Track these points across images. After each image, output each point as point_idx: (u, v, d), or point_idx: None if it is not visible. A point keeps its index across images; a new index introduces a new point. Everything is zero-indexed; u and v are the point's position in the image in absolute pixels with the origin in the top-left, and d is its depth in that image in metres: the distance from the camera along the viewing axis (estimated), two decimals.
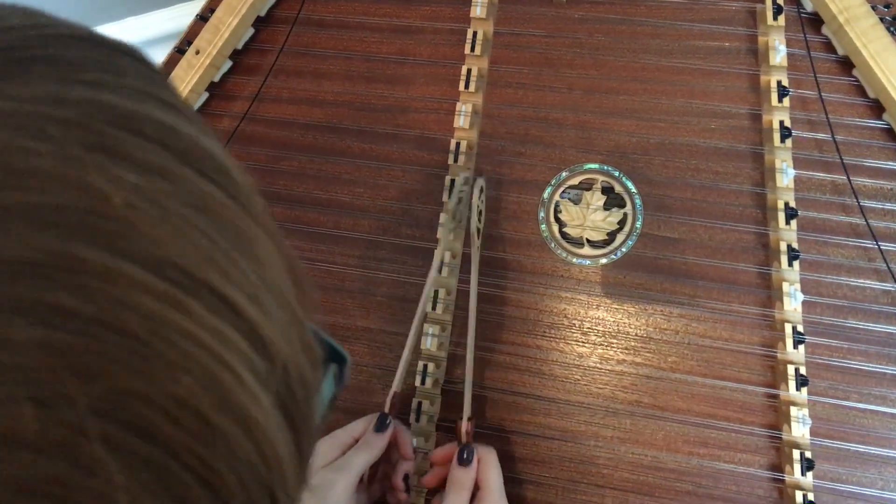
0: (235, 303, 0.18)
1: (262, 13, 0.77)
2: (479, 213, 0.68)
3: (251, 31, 0.77)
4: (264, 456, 0.18)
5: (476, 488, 0.57)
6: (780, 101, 0.67)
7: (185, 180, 0.19)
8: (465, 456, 0.57)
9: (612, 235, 0.69)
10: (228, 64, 0.77)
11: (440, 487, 0.60)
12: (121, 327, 0.15)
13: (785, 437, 0.62)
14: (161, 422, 0.16)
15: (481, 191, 0.67)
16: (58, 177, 0.16)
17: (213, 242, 0.19)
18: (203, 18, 0.75)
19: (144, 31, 0.96)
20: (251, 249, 0.20)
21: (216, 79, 0.76)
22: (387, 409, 0.60)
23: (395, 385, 0.62)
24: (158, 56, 0.76)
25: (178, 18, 0.81)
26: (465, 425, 0.60)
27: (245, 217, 0.21)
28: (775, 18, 0.68)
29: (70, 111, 0.17)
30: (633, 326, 0.67)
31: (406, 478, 0.60)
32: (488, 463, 0.58)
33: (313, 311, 0.23)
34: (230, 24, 0.74)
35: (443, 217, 0.70)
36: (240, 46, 0.77)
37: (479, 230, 0.68)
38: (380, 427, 0.58)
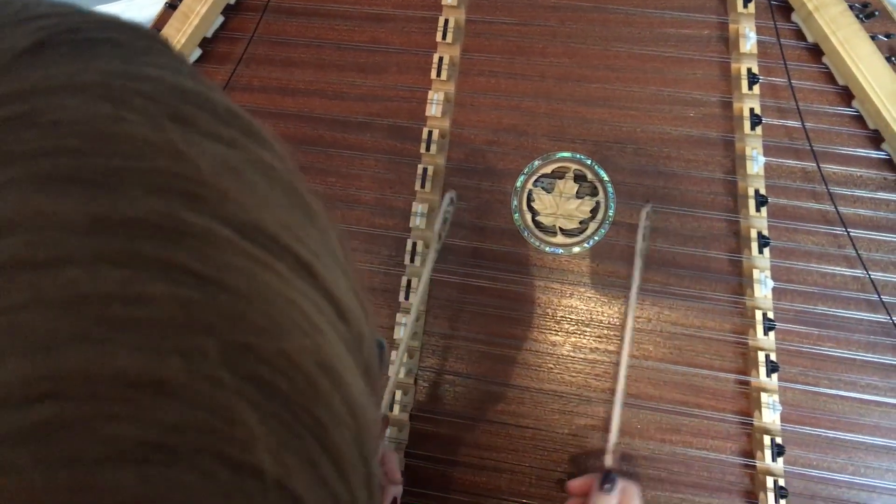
0: (315, 270, 0.19)
1: (232, 1, 0.76)
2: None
3: (221, 18, 0.76)
4: (355, 416, 0.18)
5: None
6: (750, 88, 0.67)
7: (253, 151, 0.19)
8: (608, 481, 0.54)
9: (584, 224, 0.69)
10: (198, 52, 0.76)
11: None
12: (227, 285, 0.16)
13: (756, 423, 0.63)
14: (276, 377, 0.16)
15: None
16: (151, 143, 0.16)
17: (288, 212, 0.19)
18: (172, 6, 0.74)
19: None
20: (316, 221, 0.21)
21: None
22: None
23: (383, 409, 0.61)
24: None
25: (149, 7, 0.79)
26: (611, 449, 0.57)
27: (306, 191, 0.21)
28: (745, 6, 0.68)
29: (146, 86, 0.18)
30: (605, 315, 0.67)
31: (394, 501, 0.59)
32: (632, 496, 0.55)
33: (364, 294, 0.23)
34: (199, 12, 0.73)
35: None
36: (209, 35, 0.76)
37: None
38: None
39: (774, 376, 0.62)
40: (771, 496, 0.60)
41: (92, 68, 0.18)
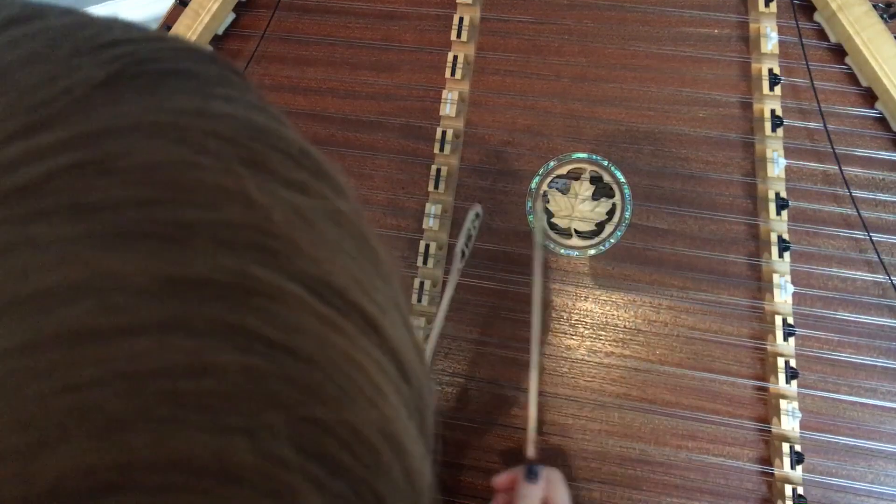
0: (380, 326, 0.18)
1: None
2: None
3: (232, 16, 0.75)
4: (414, 486, 0.18)
5: None
6: (771, 89, 0.66)
7: (324, 197, 0.18)
8: (533, 473, 0.55)
9: (600, 226, 0.68)
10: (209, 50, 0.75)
11: None
12: (299, 352, 0.15)
13: (774, 430, 0.62)
14: (340, 452, 0.15)
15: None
16: (224, 192, 0.16)
17: (356, 263, 0.18)
18: (183, 3, 0.73)
19: (123, 17, 0.94)
20: (381, 269, 0.20)
21: None
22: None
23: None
24: None
25: (158, 3, 0.78)
26: (532, 440, 0.58)
27: (371, 235, 0.20)
28: (767, 5, 0.67)
29: (218, 125, 0.17)
30: (621, 318, 0.66)
31: None
32: (556, 481, 0.56)
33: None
34: (210, 9, 0.72)
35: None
36: (220, 32, 0.75)
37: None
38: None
39: (794, 383, 0.61)
40: None
41: (167, 107, 0.17)
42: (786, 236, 0.64)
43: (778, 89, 0.66)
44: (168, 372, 0.13)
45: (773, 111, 0.65)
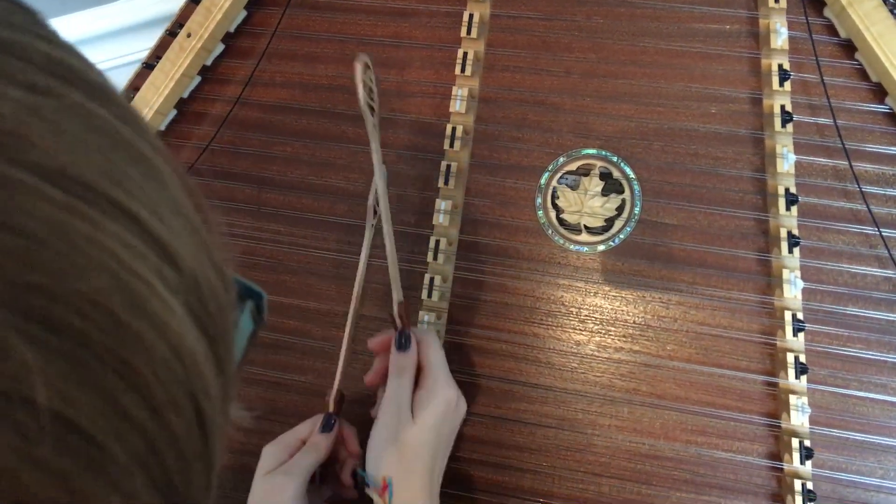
0: (138, 215, 0.19)
1: None
2: (371, 91, 0.57)
3: (243, 13, 0.76)
4: (180, 357, 0.19)
5: (419, 371, 0.57)
6: (781, 85, 0.66)
7: (74, 101, 0.19)
8: (402, 341, 0.56)
9: (610, 222, 0.68)
10: (221, 47, 0.75)
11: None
12: (18, 229, 0.16)
13: (784, 425, 0.62)
14: (69, 316, 0.16)
15: (367, 67, 0.56)
16: None
17: (108, 159, 0.19)
18: (195, 1, 0.73)
19: (136, 14, 0.95)
20: (149, 170, 0.21)
21: (208, 62, 0.75)
22: (330, 409, 0.59)
23: (337, 384, 0.61)
24: (149, 39, 0.75)
25: (170, 1, 0.79)
26: (396, 309, 0.58)
27: (140, 140, 0.21)
28: (776, 1, 0.67)
29: None
30: (631, 314, 0.66)
31: (354, 474, 0.59)
32: (429, 344, 0.57)
33: (221, 248, 0.24)
34: (222, 7, 0.72)
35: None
36: (232, 29, 0.76)
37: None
38: (325, 428, 0.58)
39: (803, 378, 0.61)
40: (799, 499, 0.59)
41: None
42: (795, 232, 0.64)
43: (788, 85, 0.66)
44: None
45: (782, 107, 0.65)
